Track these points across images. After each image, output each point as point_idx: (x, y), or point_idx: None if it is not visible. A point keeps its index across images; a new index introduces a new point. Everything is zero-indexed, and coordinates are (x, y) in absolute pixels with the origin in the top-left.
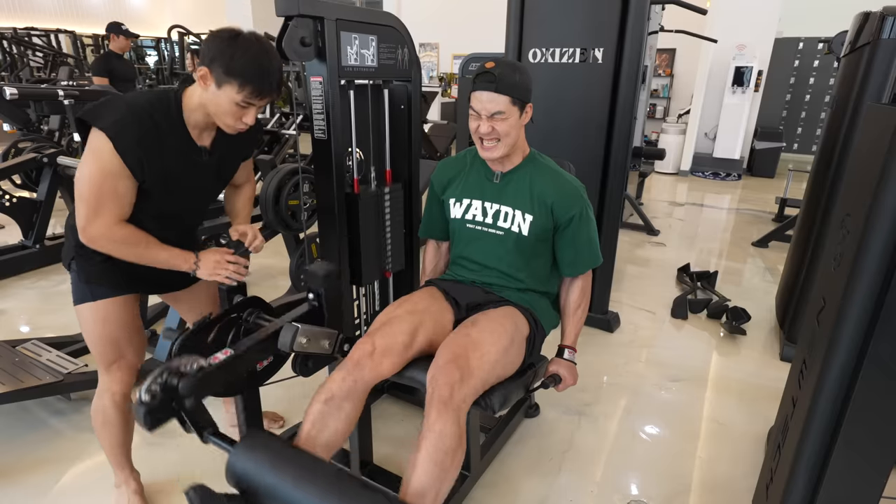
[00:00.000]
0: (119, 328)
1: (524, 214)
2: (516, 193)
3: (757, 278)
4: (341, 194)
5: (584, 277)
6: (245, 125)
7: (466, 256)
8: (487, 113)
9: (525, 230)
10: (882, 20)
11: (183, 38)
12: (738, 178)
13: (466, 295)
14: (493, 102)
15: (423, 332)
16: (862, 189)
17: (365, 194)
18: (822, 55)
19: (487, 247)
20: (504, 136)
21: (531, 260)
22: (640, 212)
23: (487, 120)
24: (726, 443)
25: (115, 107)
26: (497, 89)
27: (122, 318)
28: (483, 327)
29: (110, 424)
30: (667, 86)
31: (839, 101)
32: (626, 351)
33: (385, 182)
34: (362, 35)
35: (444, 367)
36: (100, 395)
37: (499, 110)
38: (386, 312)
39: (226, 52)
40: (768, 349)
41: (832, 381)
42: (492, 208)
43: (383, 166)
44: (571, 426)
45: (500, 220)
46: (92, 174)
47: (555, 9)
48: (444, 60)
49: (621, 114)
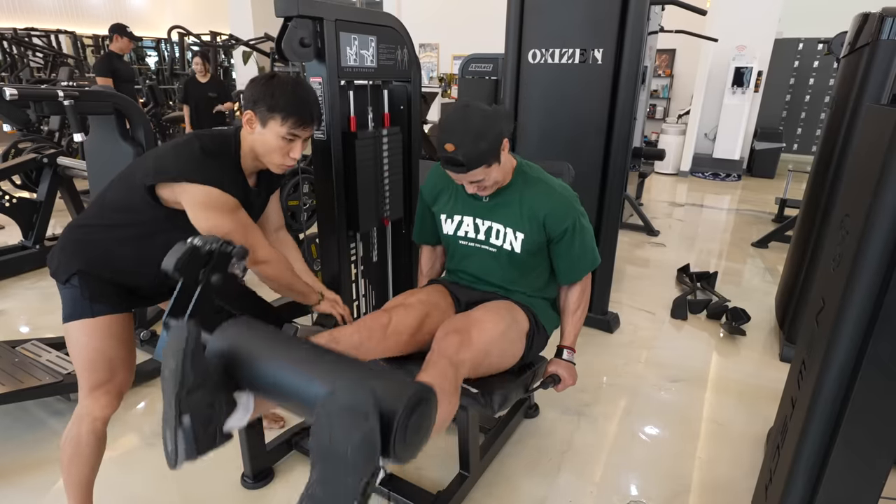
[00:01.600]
0: (118, 345)
1: (515, 232)
2: (507, 211)
3: (757, 279)
4: (337, 135)
5: (583, 280)
6: (293, 160)
7: (463, 270)
8: (468, 182)
9: (517, 248)
10: (881, 21)
11: (183, 39)
12: (738, 178)
13: (467, 294)
14: (469, 177)
15: (430, 323)
16: (861, 190)
17: (362, 135)
18: (822, 56)
19: (482, 262)
20: (490, 186)
21: (526, 274)
22: (640, 212)
23: (470, 185)
24: (726, 443)
25: (194, 158)
26: (467, 169)
27: (121, 334)
28: (483, 311)
29: (83, 457)
30: (667, 86)
31: (839, 102)
32: (625, 351)
33: (383, 125)
34: (362, 36)
35: (445, 336)
36: (77, 421)
37: (477, 179)
38: (398, 298)
39: (266, 91)
40: (768, 350)
41: (831, 382)
42: (483, 224)
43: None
44: (571, 426)
45: (492, 237)
46: (223, 217)
47: (554, 9)
48: (444, 61)
49: (621, 114)
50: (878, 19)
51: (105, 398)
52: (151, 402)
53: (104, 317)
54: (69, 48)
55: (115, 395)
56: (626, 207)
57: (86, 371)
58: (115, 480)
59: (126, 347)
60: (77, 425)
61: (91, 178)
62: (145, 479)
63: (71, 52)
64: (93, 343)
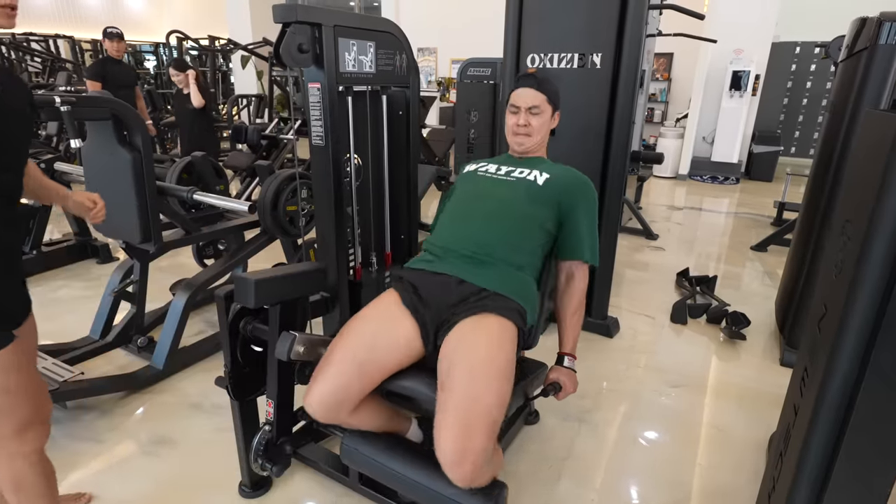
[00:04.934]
0: (34, 374)
1: (542, 173)
2: (532, 167)
3: (756, 283)
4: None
5: (581, 280)
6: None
7: (456, 231)
8: (526, 105)
9: (540, 181)
10: (879, 25)
11: (181, 43)
12: (737, 181)
13: (436, 299)
14: (533, 98)
15: (373, 365)
16: (862, 195)
17: (367, 279)
18: (819, 59)
19: (489, 200)
20: (536, 132)
21: (531, 221)
22: (639, 216)
23: (525, 113)
24: (727, 449)
25: None
26: (537, 87)
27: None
28: (473, 366)
29: (32, 486)
30: (665, 90)
31: (837, 106)
32: (625, 356)
33: (385, 266)
34: (360, 41)
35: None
36: (8, 463)
37: (536, 105)
38: (329, 348)
39: None
40: (768, 354)
41: (834, 390)
42: (507, 168)
43: (383, 239)
44: (571, 433)
45: (514, 174)
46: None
47: (553, 14)
48: (443, 65)
49: (620, 118)
50: (876, 24)
51: (32, 433)
52: (149, 409)
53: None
54: (67, 53)
55: (44, 429)
56: (624, 211)
57: (8, 408)
58: (112, 489)
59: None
60: (9, 467)
61: (87, 183)
62: (143, 487)
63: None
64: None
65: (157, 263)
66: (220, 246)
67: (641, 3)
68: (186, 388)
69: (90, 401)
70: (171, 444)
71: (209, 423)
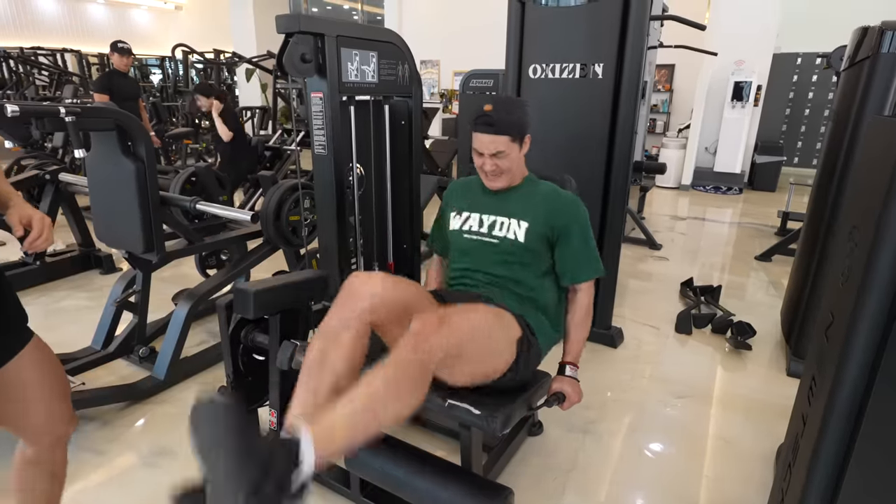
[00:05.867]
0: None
1: (520, 222)
2: (513, 205)
3: (761, 292)
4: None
5: (586, 293)
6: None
7: (459, 266)
8: (489, 152)
9: (521, 236)
10: (881, 34)
11: (187, 57)
12: (740, 191)
13: (457, 299)
14: (494, 143)
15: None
16: (868, 200)
17: None
18: (821, 70)
19: (480, 254)
20: (506, 171)
21: (524, 267)
22: (642, 226)
23: (490, 158)
24: (734, 461)
25: None
26: (496, 131)
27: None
28: (468, 306)
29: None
30: (666, 101)
31: (840, 115)
32: (630, 366)
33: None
34: (363, 51)
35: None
36: (60, 448)
37: (499, 150)
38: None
39: None
40: (774, 364)
41: (843, 399)
42: (488, 219)
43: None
44: (576, 444)
45: (494, 229)
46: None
47: (554, 25)
48: (445, 77)
49: (622, 128)
50: (877, 33)
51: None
52: (150, 419)
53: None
54: (74, 66)
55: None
56: (627, 221)
57: None
58: (112, 500)
59: None
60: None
61: (91, 193)
62: (143, 498)
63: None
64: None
65: (159, 274)
66: (223, 256)
67: (642, 13)
68: (188, 398)
69: (91, 411)
70: (172, 455)
71: None
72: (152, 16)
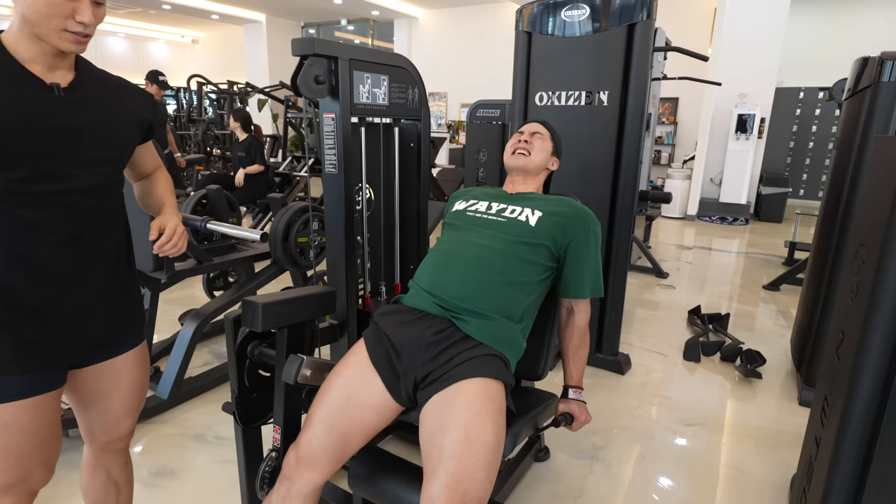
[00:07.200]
0: (29, 436)
1: (533, 211)
2: (526, 202)
3: (770, 321)
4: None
5: (583, 314)
6: (81, 25)
7: (442, 249)
8: (530, 131)
9: (532, 221)
10: (881, 64)
11: (201, 87)
12: (746, 222)
13: (412, 352)
14: (538, 127)
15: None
16: (874, 216)
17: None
18: (824, 103)
19: (479, 229)
20: (536, 153)
21: (524, 262)
22: (649, 254)
23: (528, 135)
24: (746, 492)
25: None
26: (543, 124)
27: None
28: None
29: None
30: (671, 133)
31: (844, 142)
32: (638, 393)
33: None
34: (374, 74)
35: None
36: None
37: (539, 132)
38: (313, 404)
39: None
40: (786, 393)
41: (857, 416)
42: (498, 205)
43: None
44: (583, 471)
45: (505, 212)
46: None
47: (560, 54)
48: (453, 108)
49: (627, 155)
50: (878, 63)
51: (11, 498)
52: (151, 439)
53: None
54: None
55: (27, 498)
56: (634, 250)
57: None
58: None
59: (42, 435)
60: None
61: None
62: None
63: None
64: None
65: (167, 295)
66: (230, 278)
67: (646, 45)
68: (190, 419)
69: None
70: (173, 475)
71: (211, 455)
72: (169, 48)
